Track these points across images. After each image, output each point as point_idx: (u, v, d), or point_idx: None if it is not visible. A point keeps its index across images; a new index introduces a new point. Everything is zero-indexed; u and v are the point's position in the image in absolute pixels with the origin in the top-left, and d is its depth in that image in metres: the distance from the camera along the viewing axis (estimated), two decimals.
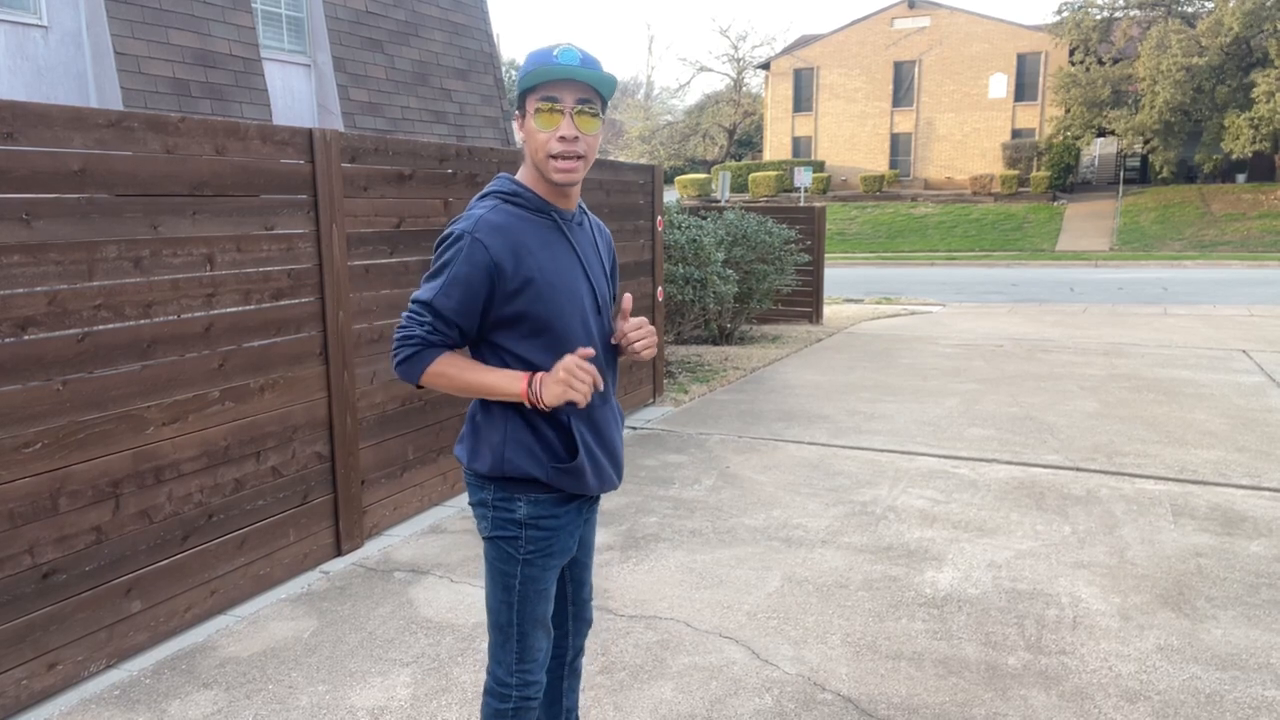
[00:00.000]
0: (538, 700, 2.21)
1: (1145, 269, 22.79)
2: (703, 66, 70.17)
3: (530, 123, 1.98)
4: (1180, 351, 9.82)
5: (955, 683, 3.20)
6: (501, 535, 2.11)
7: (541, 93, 1.95)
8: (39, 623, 3.12)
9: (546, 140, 1.96)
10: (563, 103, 1.95)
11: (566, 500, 2.14)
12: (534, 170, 2.05)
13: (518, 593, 2.12)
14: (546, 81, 1.94)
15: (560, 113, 1.95)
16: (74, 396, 3.17)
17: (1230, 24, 28.54)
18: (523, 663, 2.16)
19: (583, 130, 1.97)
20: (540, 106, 1.95)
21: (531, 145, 1.99)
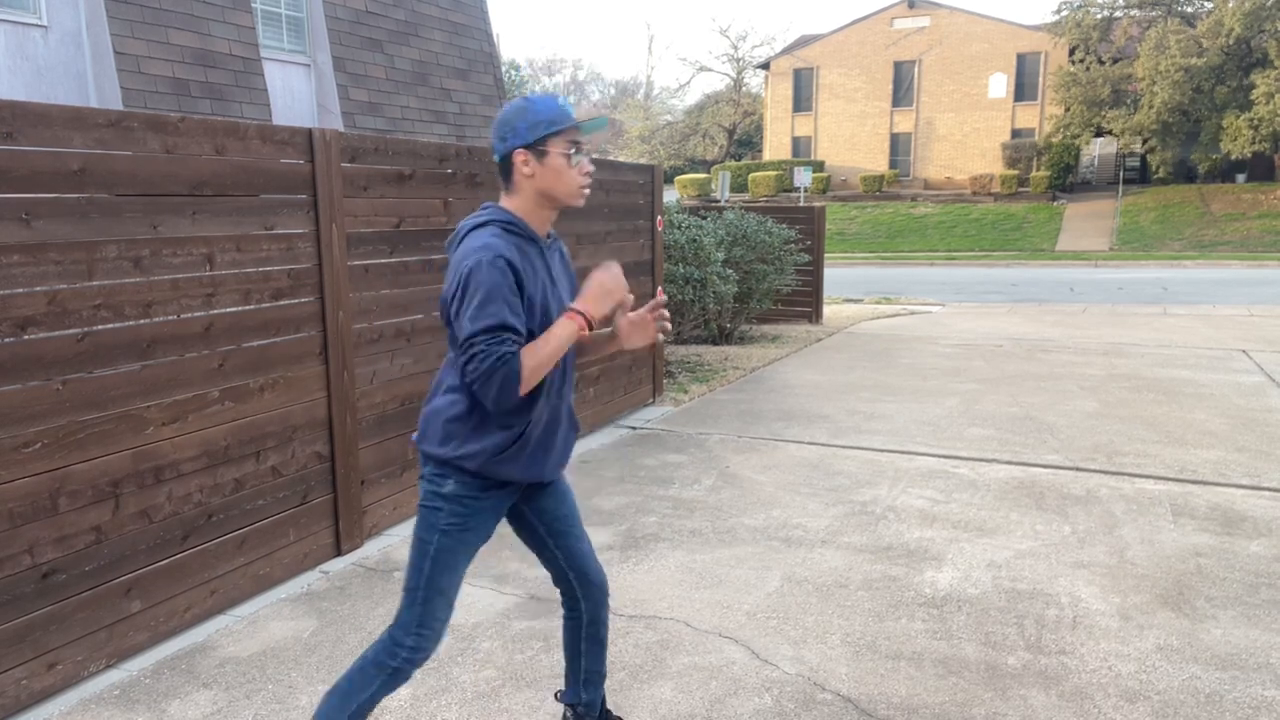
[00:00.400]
0: (416, 668, 2.41)
1: (1145, 269, 22.79)
2: (703, 66, 70.21)
3: (557, 162, 2.30)
4: (1180, 351, 9.82)
5: (955, 683, 3.20)
6: (427, 506, 2.36)
7: (568, 137, 2.30)
8: (39, 623, 3.12)
9: (576, 175, 2.33)
10: (582, 144, 2.34)
11: (492, 486, 2.38)
12: (529, 202, 2.33)
13: (431, 559, 2.34)
14: (570, 128, 2.30)
15: (583, 153, 2.34)
16: (74, 396, 3.17)
17: (1230, 25, 28.55)
18: (422, 627, 2.36)
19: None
20: (569, 150, 2.30)
21: (561, 181, 2.32)
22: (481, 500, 2.37)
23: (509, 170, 2.32)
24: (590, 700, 2.74)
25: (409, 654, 2.37)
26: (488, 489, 2.37)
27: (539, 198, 2.33)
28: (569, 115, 2.32)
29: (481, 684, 3.23)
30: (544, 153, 2.29)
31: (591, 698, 2.74)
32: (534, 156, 2.29)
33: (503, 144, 2.30)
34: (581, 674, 2.71)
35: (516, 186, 2.32)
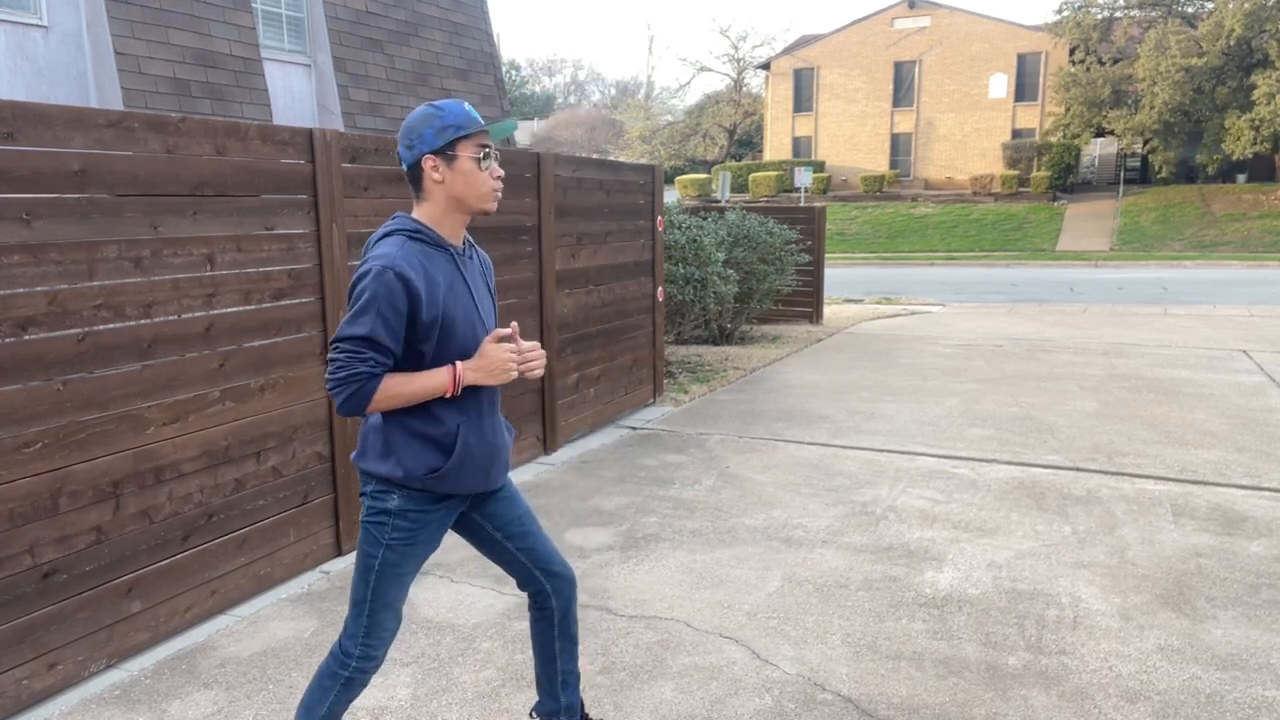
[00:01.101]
0: (371, 675, 2.43)
1: (1145, 269, 22.79)
2: (703, 66, 70.18)
3: (466, 166, 2.28)
4: (1180, 351, 9.82)
5: (955, 683, 3.20)
6: (371, 521, 2.35)
7: (477, 140, 2.29)
8: (39, 623, 3.12)
9: (487, 179, 2.31)
10: (492, 148, 2.32)
11: (438, 499, 2.37)
12: (439, 209, 2.32)
13: (376, 573, 2.35)
14: (479, 132, 2.29)
15: (491, 157, 2.32)
16: (74, 396, 3.17)
17: (1231, 25, 28.54)
18: (369, 638, 2.38)
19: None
20: (478, 154, 2.29)
21: (472, 185, 2.30)
22: (429, 514, 2.36)
23: (418, 177, 2.30)
24: (570, 704, 2.71)
25: (359, 663, 2.39)
26: (435, 501, 2.36)
27: (449, 203, 2.31)
28: (476, 119, 2.31)
29: (482, 684, 3.24)
30: (453, 158, 2.27)
31: (571, 700, 2.71)
32: (443, 162, 2.27)
33: (410, 151, 2.29)
34: (559, 675, 2.67)
35: (427, 194, 2.31)
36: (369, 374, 2.17)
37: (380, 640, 2.39)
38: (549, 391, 6.02)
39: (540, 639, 2.65)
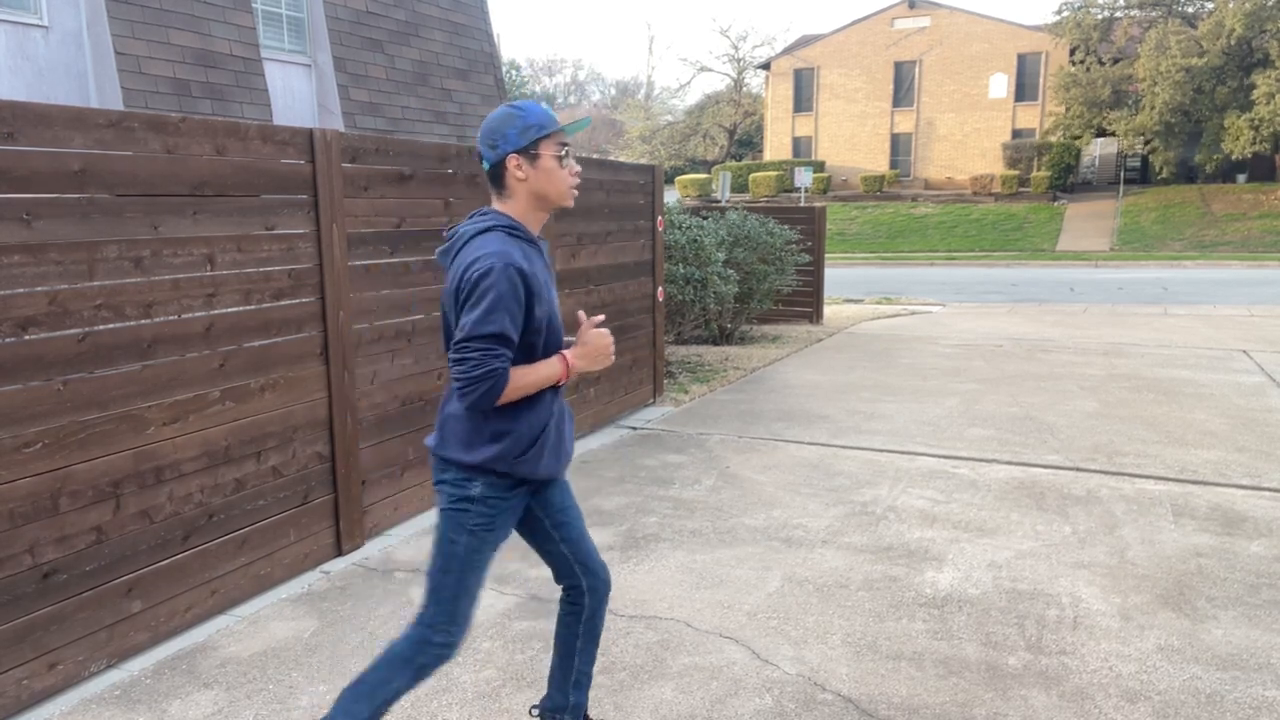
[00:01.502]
0: (448, 660, 2.45)
1: (1145, 269, 22.79)
2: (703, 66, 70.17)
3: (549, 164, 2.38)
4: (1180, 351, 9.82)
5: (956, 683, 3.20)
6: (454, 508, 2.39)
7: (556, 140, 2.39)
8: (39, 622, 3.12)
9: (566, 175, 2.42)
10: (569, 146, 2.43)
11: (515, 485, 2.44)
12: (525, 204, 2.40)
13: (460, 561, 2.39)
14: (558, 131, 2.40)
15: (570, 156, 2.44)
16: (74, 396, 3.17)
17: (1231, 25, 28.54)
18: (452, 624, 2.42)
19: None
20: (559, 152, 2.39)
21: (553, 181, 2.40)
22: (507, 499, 2.43)
23: (501, 176, 2.37)
24: (577, 703, 2.72)
25: (439, 650, 2.41)
26: (513, 488, 2.43)
27: (533, 200, 2.40)
28: (555, 119, 2.40)
29: (482, 684, 3.24)
30: (536, 156, 2.36)
31: (579, 700, 2.72)
32: (526, 160, 2.36)
33: (494, 151, 2.36)
34: (573, 674, 2.69)
35: (510, 191, 2.38)
36: (503, 370, 2.24)
37: (461, 628, 2.43)
38: None
39: (565, 634, 2.68)
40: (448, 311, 2.35)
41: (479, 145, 2.40)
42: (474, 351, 2.22)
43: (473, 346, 2.22)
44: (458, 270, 2.29)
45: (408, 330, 4.75)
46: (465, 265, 2.26)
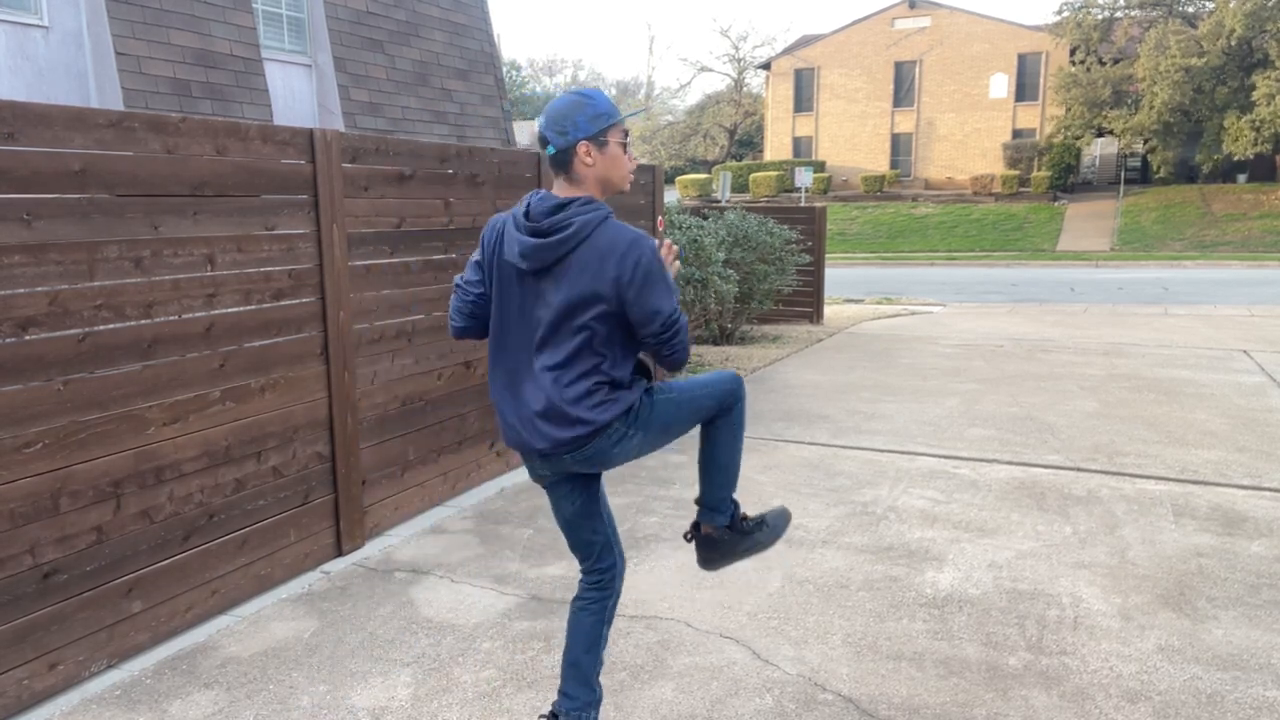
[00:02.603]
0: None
1: (1146, 269, 22.79)
2: (703, 67, 70.24)
3: (616, 151, 2.46)
4: (1181, 351, 9.82)
5: (956, 683, 3.20)
6: (625, 449, 2.58)
7: (621, 128, 2.48)
8: (40, 623, 3.12)
9: (628, 162, 2.52)
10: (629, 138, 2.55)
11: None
12: (592, 188, 2.47)
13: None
14: (621, 121, 2.48)
15: (629, 145, 2.54)
16: (75, 396, 3.17)
17: (1231, 25, 28.53)
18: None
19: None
20: (624, 140, 2.49)
21: (618, 167, 2.48)
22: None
23: (569, 161, 2.42)
24: (601, 694, 2.77)
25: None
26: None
27: (599, 185, 2.46)
28: (618, 108, 2.49)
29: (482, 684, 3.24)
30: (604, 143, 2.43)
31: (600, 691, 2.76)
32: (595, 147, 2.41)
33: (563, 137, 2.39)
34: (599, 664, 2.73)
35: (580, 177, 2.43)
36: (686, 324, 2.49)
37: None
38: None
39: (592, 623, 2.71)
40: (610, 290, 2.34)
41: (544, 131, 2.43)
42: (681, 319, 2.42)
43: (680, 315, 2.42)
44: (614, 256, 2.33)
45: (408, 330, 4.75)
46: (623, 252, 2.33)
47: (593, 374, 2.42)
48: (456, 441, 5.19)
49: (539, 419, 2.44)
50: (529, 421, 2.46)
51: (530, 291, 2.45)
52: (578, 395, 2.41)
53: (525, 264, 2.41)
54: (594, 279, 2.34)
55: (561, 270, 2.37)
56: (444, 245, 4.97)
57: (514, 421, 2.51)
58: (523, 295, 2.46)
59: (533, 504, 5.12)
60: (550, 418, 2.42)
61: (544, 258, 2.38)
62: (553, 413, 2.42)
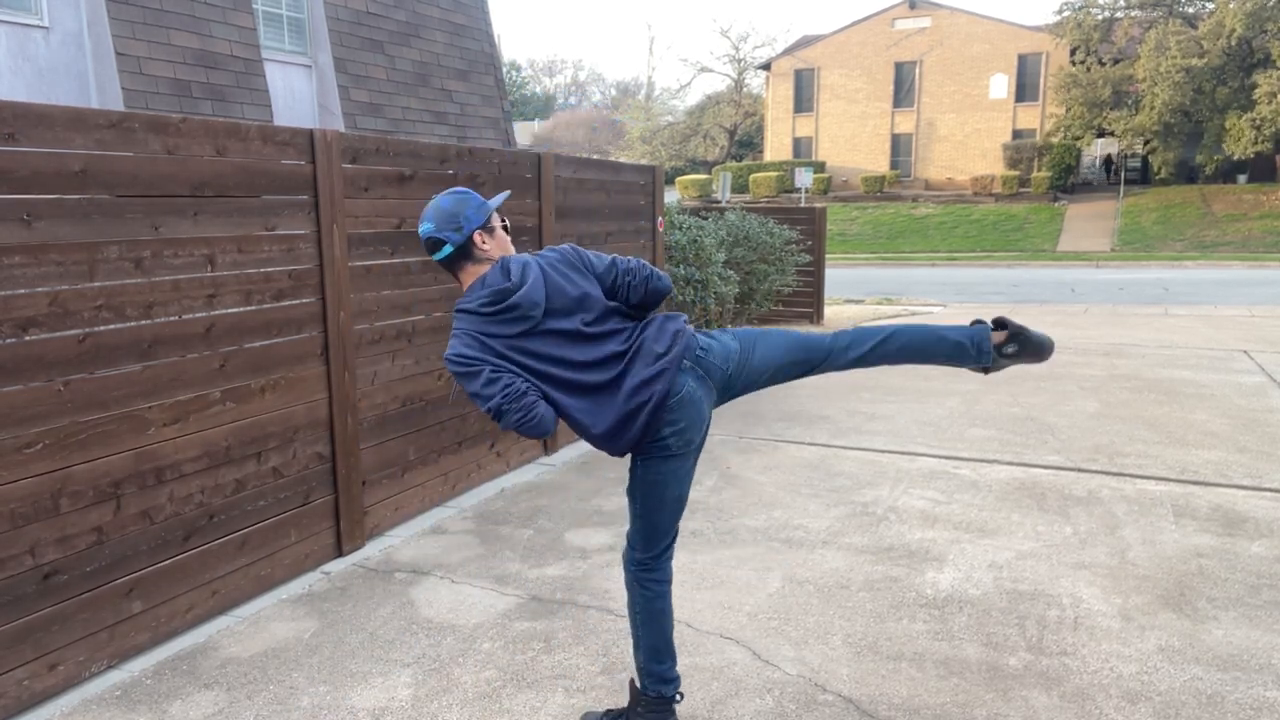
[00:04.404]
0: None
1: (1146, 269, 22.79)
2: (704, 67, 70.26)
3: (501, 234, 2.80)
4: (1181, 352, 9.82)
5: (956, 683, 3.20)
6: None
7: (498, 213, 2.81)
8: (40, 623, 3.12)
9: (507, 239, 2.83)
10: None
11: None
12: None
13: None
14: (495, 208, 2.79)
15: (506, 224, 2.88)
16: (75, 397, 3.17)
17: (1232, 25, 28.52)
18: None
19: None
20: (504, 222, 2.82)
21: (506, 242, 2.81)
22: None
23: (468, 252, 2.70)
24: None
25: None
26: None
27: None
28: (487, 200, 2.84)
29: (482, 684, 3.24)
30: (492, 229, 2.75)
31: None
32: (486, 234, 2.72)
33: (459, 233, 2.68)
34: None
35: (482, 260, 2.71)
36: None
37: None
38: None
39: (666, 605, 2.84)
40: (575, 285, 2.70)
41: (435, 234, 2.68)
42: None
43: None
44: (565, 258, 2.75)
45: (408, 331, 4.75)
46: (565, 254, 2.76)
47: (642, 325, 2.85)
48: (456, 442, 5.19)
49: (656, 378, 2.73)
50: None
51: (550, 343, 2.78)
52: (655, 336, 2.81)
53: (531, 319, 2.73)
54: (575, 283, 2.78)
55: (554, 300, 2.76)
56: None
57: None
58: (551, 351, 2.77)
59: (533, 504, 5.13)
60: (663, 364, 2.75)
61: (538, 298, 2.71)
62: (662, 359, 2.75)
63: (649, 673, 2.84)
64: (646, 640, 2.83)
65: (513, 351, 2.62)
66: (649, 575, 2.83)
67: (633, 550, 2.85)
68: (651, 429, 2.67)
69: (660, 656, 2.83)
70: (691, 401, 2.72)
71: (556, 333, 2.66)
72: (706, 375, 2.77)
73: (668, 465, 2.76)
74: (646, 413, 2.64)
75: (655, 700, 2.82)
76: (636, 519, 2.83)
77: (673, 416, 2.69)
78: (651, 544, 2.82)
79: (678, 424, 2.70)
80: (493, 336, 2.62)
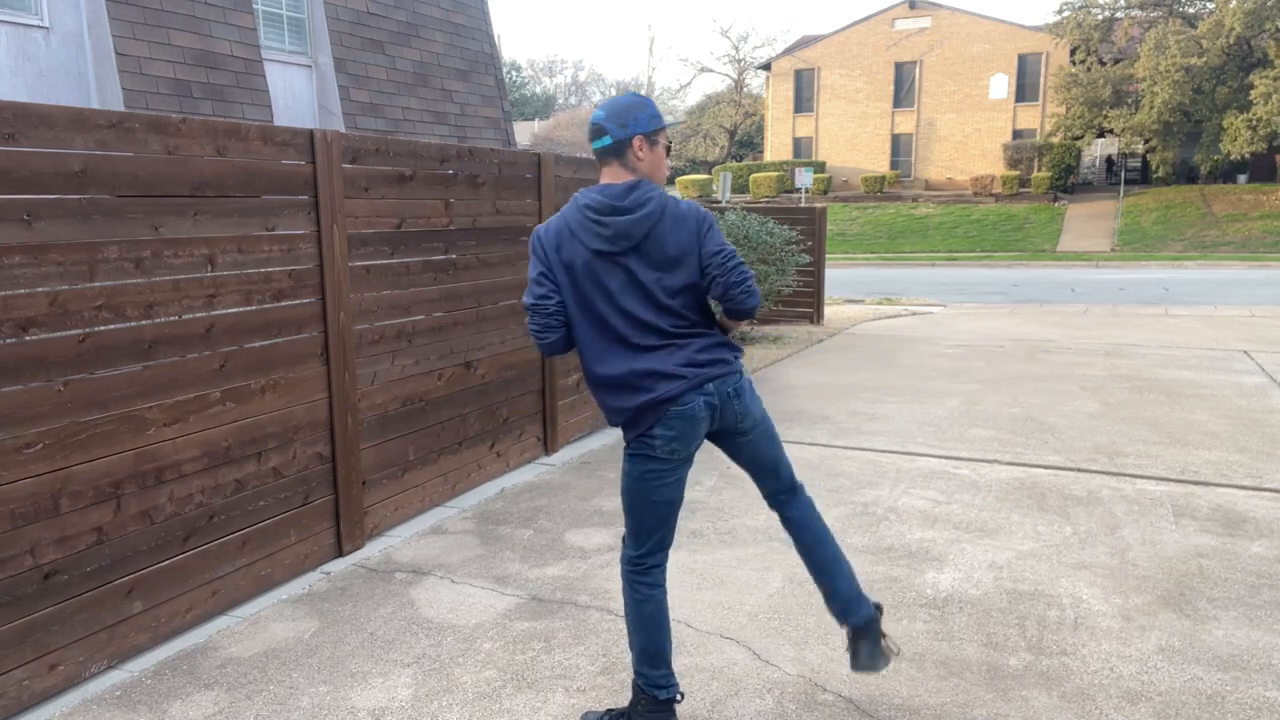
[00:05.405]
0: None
1: (1146, 270, 22.79)
2: (704, 67, 70.28)
3: (661, 152, 2.76)
4: (1181, 352, 9.82)
5: (956, 684, 3.20)
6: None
7: (666, 134, 2.77)
8: (40, 623, 3.12)
9: (666, 165, 2.81)
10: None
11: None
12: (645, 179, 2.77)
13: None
14: (666, 128, 2.77)
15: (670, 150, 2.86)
16: (75, 397, 3.18)
17: (1231, 25, 28.52)
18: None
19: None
20: (668, 145, 2.79)
21: (661, 166, 2.78)
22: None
23: (623, 152, 2.68)
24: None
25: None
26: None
27: (644, 179, 2.70)
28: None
29: (483, 685, 3.24)
30: (655, 143, 2.72)
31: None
32: (648, 144, 2.70)
33: (623, 130, 2.66)
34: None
35: (631, 167, 2.69)
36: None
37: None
38: (549, 392, 6.02)
39: (656, 610, 2.88)
40: (677, 246, 2.66)
41: (603, 123, 2.67)
42: (739, 259, 2.70)
43: (735, 252, 2.70)
44: (688, 216, 2.68)
45: (408, 331, 4.75)
46: (692, 212, 2.69)
47: (706, 332, 2.76)
48: (457, 442, 5.19)
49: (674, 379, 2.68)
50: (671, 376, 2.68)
51: (615, 276, 2.64)
52: (704, 348, 2.74)
53: (615, 245, 2.61)
54: (680, 244, 2.64)
55: (649, 245, 2.64)
56: (444, 246, 4.97)
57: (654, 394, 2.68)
58: (608, 282, 2.66)
59: (533, 505, 5.13)
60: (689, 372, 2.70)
61: (634, 233, 2.62)
62: (691, 367, 2.70)
63: (642, 675, 2.84)
64: (638, 643, 2.83)
65: (578, 262, 2.66)
66: (638, 577, 2.83)
67: (625, 547, 2.88)
68: (641, 421, 2.69)
69: (653, 661, 2.82)
70: (692, 419, 2.73)
71: (629, 273, 2.65)
72: (718, 412, 2.79)
73: (650, 466, 2.75)
74: (643, 401, 2.66)
75: (654, 701, 2.82)
76: (625, 513, 2.86)
77: (668, 422, 2.69)
78: (638, 541, 2.83)
79: (669, 431, 2.71)
80: (575, 238, 2.66)
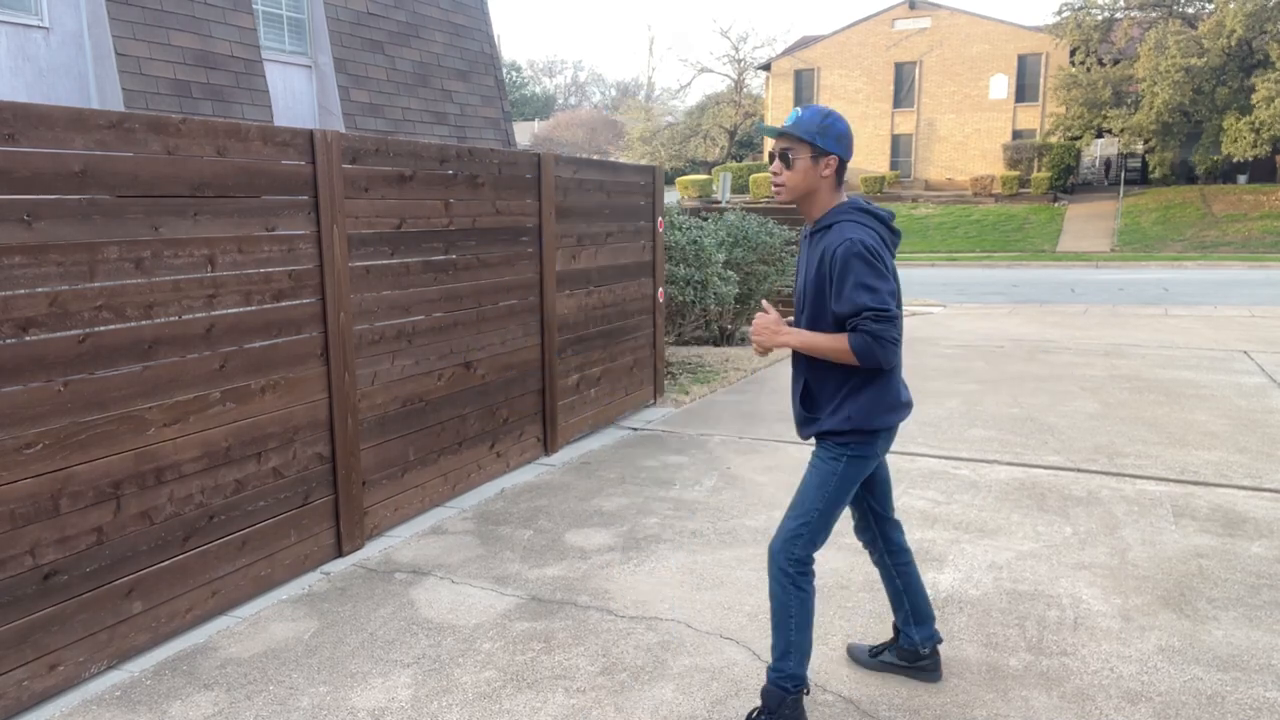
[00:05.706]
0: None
1: (1146, 270, 22.78)
2: (704, 68, 70.24)
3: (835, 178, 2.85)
4: (1181, 352, 9.82)
5: (956, 684, 3.20)
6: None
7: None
8: (40, 623, 3.12)
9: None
10: (772, 150, 2.85)
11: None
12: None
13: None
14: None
15: (770, 156, 2.87)
16: (75, 397, 3.18)
17: (1232, 25, 28.51)
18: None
19: (779, 168, 2.82)
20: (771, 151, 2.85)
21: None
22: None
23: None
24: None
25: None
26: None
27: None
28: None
29: (482, 685, 3.24)
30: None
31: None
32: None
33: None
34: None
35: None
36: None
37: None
38: (549, 392, 6.02)
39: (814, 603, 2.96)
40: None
41: (817, 133, 2.71)
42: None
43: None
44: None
45: (408, 331, 4.75)
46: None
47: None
48: (456, 442, 5.19)
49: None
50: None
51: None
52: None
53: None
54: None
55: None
56: (444, 246, 4.97)
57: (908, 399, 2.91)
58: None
59: (533, 505, 5.13)
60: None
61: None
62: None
63: (795, 677, 2.85)
64: (801, 643, 2.81)
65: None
66: (806, 576, 2.82)
67: (792, 548, 2.80)
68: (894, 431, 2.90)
69: (808, 654, 2.87)
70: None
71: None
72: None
73: (868, 466, 2.86)
74: (907, 408, 2.89)
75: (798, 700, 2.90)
76: (815, 514, 2.79)
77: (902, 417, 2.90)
78: (817, 542, 2.83)
79: (893, 432, 2.92)
80: (887, 251, 2.77)
